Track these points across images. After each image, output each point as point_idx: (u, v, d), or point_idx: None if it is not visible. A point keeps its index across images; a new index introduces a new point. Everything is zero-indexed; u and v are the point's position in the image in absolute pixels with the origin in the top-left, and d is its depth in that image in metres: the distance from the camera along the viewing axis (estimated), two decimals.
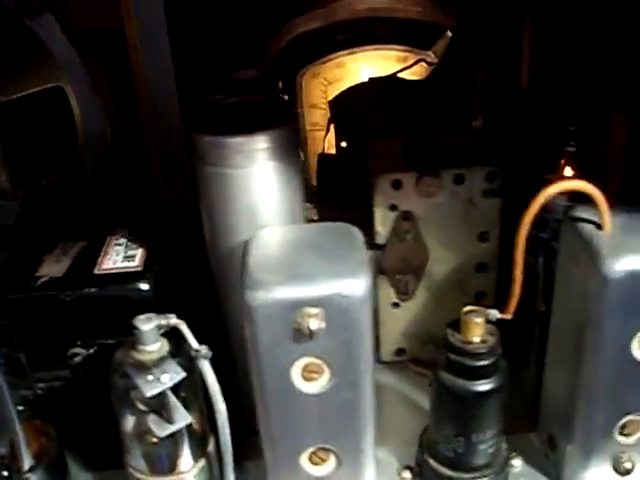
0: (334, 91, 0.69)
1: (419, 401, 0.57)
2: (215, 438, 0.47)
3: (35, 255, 0.55)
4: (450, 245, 0.55)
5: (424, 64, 0.68)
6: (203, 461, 0.48)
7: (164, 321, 0.45)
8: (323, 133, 0.70)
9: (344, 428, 0.45)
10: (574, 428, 0.47)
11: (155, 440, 0.46)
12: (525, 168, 0.56)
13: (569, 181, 0.42)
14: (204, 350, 0.45)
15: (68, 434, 0.52)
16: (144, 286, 0.52)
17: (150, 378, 0.44)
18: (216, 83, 0.52)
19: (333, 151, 0.69)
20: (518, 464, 0.51)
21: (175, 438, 0.47)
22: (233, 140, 0.45)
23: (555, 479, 0.50)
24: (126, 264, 0.53)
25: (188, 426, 0.46)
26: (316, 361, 0.42)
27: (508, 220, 0.52)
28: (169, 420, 0.46)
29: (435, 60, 0.67)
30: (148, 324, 0.45)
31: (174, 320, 0.45)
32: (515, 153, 0.56)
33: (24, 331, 0.52)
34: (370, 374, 0.44)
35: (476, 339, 0.45)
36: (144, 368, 0.44)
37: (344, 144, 0.66)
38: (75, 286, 0.52)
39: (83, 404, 0.54)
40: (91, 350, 0.53)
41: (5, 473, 0.48)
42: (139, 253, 0.54)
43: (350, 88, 0.67)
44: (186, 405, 0.46)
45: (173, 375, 0.45)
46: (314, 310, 0.40)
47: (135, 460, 0.47)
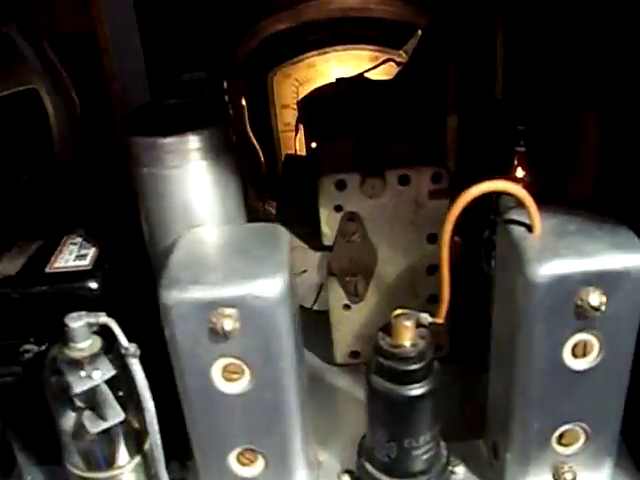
0: (306, 92, 0.69)
1: None
2: None
3: None
4: (399, 247, 0.54)
5: (393, 64, 0.67)
6: (139, 458, 0.49)
7: (94, 319, 0.46)
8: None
9: (269, 429, 0.45)
10: (512, 436, 0.46)
11: (90, 436, 0.47)
12: (481, 169, 0.55)
13: (493, 181, 0.41)
14: (133, 348, 0.45)
15: (19, 429, 0.54)
16: (93, 285, 0.53)
17: (82, 374, 0.45)
18: (164, 85, 0.52)
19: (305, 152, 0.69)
20: (461, 471, 0.50)
21: (110, 434, 0.48)
22: (164, 141, 0.45)
23: None
24: (77, 263, 0.54)
25: (124, 423, 0.47)
26: (235, 362, 0.42)
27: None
28: (103, 417, 0.46)
29: (405, 60, 0.66)
30: (78, 322, 0.45)
31: (104, 318, 0.46)
32: (469, 153, 0.55)
33: None
34: (294, 374, 0.43)
35: (406, 343, 0.45)
36: (76, 365, 0.45)
37: (314, 145, 0.66)
38: (25, 284, 0.53)
39: (34, 400, 0.55)
40: (42, 347, 0.54)
41: None
42: (91, 252, 0.55)
43: (318, 88, 0.66)
44: (123, 402, 0.46)
45: (104, 372, 0.46)
46: (228, 310, 0.40)
47: (72, 456, 0.48)
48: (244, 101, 0.64)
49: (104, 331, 0.46)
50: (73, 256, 0.55)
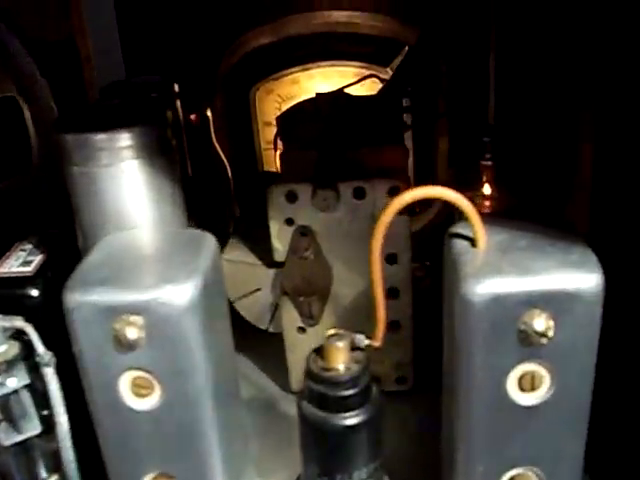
0: None
1: None
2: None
3: None
4: (355, 266, 0.50)
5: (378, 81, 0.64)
6: (56, 476, 0.45)
7: (8, 323, 0.43)
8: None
9: (184, 452, 0.41)
10: (457, 477, 0.41)
11: (3, 449, 0.44)
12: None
13: (427, 187, 0.37)
14: (48, 356, 0.43)
15: None
16: (33, 292, 0.50)
17: None
18: (112, 87, 0.50)
19: None
20: None
21: (27, 448, 0.45)
22: (95, 137, 0.43)
23: None
24: (20, 269, 0.52)
25: (41, 436, 0.44)
26: (144, 375, 0.39)
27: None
28: (18, 429, 0.44)
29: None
30: None
31: (19, 323, 0.43)
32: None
33: None
34: (211, 392, 0.40)
35: (339, 366, 0.40)
36: None
37: None
38: None
39: None
40: None
41: None
42: (37, 259, 0.53)
43: (298, 103, 0.64)
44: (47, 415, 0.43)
45: (21, 380, 0.43)
46: (132, 317, 0.37)
47: None
48: (209, 112, 0.61)
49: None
50: (19, 262, 0.53)
